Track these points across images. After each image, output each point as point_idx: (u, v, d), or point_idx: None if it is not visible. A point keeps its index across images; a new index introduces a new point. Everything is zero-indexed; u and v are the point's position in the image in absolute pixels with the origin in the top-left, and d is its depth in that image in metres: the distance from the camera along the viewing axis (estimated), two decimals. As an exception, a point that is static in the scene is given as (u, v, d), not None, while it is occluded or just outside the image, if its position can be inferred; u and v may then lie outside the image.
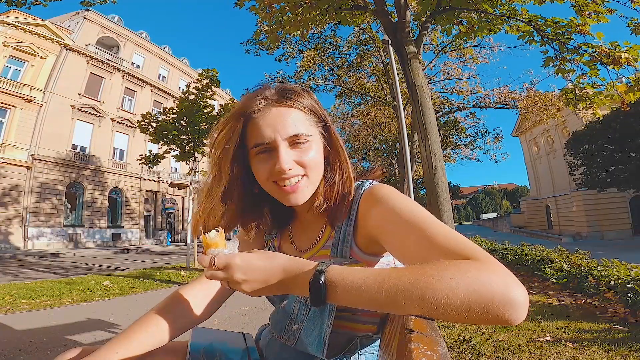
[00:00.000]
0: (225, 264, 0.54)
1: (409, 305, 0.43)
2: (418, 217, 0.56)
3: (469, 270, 0.42)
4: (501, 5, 5.16)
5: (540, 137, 29.60)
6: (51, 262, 11.48)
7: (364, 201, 0.67)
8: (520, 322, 0.41)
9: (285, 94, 0.68)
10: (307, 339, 0.67)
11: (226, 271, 0.54)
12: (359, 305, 0.48)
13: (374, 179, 0.74)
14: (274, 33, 5.91)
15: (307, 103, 0.69)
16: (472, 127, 14.84)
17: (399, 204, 0.60)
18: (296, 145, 0.66)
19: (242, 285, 0.54)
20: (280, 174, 0.64)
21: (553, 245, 6.93)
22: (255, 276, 0.53)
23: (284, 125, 0.65)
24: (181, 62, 28.78)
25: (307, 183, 0.67)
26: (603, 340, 2.43)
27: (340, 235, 0.69)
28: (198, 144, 9.14)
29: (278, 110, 0.66)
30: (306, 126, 0.68)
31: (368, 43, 12.00)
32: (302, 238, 0.77)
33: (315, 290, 0.49)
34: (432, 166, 4.89)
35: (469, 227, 48.30)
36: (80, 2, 5.95)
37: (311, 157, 0.67)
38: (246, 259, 0.54)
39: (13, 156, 17.05)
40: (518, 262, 6.39)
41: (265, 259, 0.55)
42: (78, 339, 2.86)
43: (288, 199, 0.67)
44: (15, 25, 17.33)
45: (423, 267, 0.45)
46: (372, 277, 0.47)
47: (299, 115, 0.68)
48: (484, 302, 0.40)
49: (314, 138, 0.68)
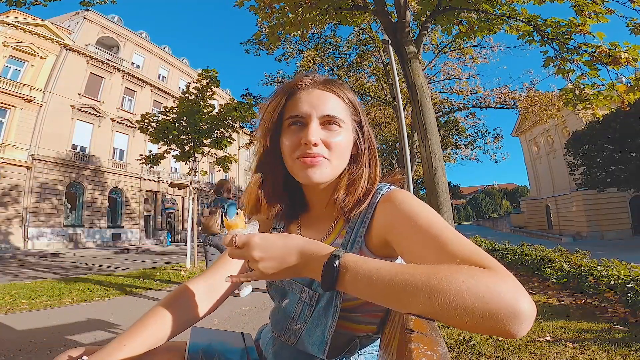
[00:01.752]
0: (244, 242, 0.56)
1: (415, 302, 0.43)
2: (433, 223, 0.57)
3: (481, 278, 0.42)
4: (501, 5, 5.17)
5: (540, 137, 29.62)
6: (51, 262, 11.48)
7: (381, 205, 0.67)
8: (521, 336, 0.40)
9: (330, 81, 0.73)
10: (309, 339, 0.67)
11: (245, 249, 0.56)
12: (366, 296, 0.49)
13: (393, 182, 0.75)
14: (275, 33, 5.91)
15: (348, 95, 0.73)
16: (472, 127, 14.88)
17: (415, 208, 0.61)
18: (328, 127, 0.68)
19: (259, 263, 0.55)
20: (305, 147, 0.66)
21: (553, 245, 6.93)
22: (272, 254, 0.55)
23: (321, 104, 0.69)
24: (181, 62, 28.78)
25: (328, 165, 0.68)
26: (603, 340, 2.43)
27: (352, 237, 0.68)
28: (198, 144, 9.13)
29: (320, 92, 0.70)
30: (342, 113, 0.70)
31: (368, 43, 12.00)
32: (311, 232, 0.77)
33: (328, 273, 0.50)
34: (432, 166, 4.89)
35: (469, 227, 48.28)
36: (80, 2, 5.95)
37: (338, 141, 0.68)
38: (265, 237, 0.56)
39: (13, 156, 17.06)
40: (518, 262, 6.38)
41: (284, 237, 0.57)
42: (78, 339, 2.86)
43: (306, 173, 0.67)
44: (15, 25, 17.33)
45: (437, 267, 0.45)
46: (385, 269, 0.48)
47: (338, 101, 0.71)
48: (490, 311, 0.40)
49: (347, 127, 0.70)
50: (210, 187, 29.70)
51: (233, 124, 9.54)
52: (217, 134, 9.34)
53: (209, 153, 10.07)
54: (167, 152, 9.64)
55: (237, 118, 9.32)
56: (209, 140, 9.25)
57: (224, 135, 9.43)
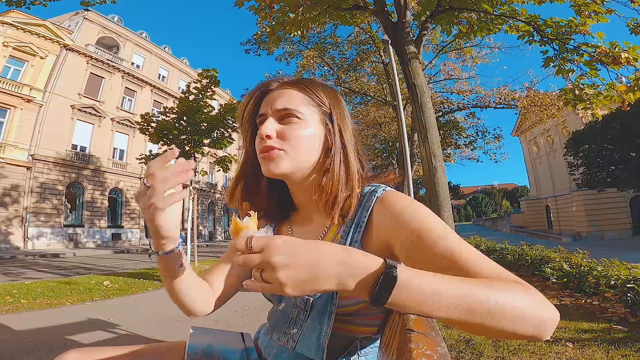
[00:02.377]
0: (263, 245, 0.44)
1: (477, 326, 0.44)
2: (444, 235, 0.55)
3: (523, 296, 0.46)
4: (501, 5, 5.16)
5: (540, 137, 29.60)
6: (51, 262, 11.47)
7: (378, 209, 0.64)
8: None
9: (298, 80, 0.73)
10: (306, 344, 0.67)
11: (264, 253, 0.44)
12: (415, 311, 0.44)
13: (387, 183, 0.72)
14: (275, 33, 5.91)
15: (316, 90, 0.71)
16: (472, 127, 14.86)
17: (425, 218, 0.58)
18: (286, 120, 0.68)
19: (281, 272, 0.43)
20: (262, 142, 0.67)
21: (553, 245, 6.92)
22: (302, 260, 0.43)
23: (277, 99, 0.69)
24: (181, 62, 28.77)
25: (284, 156, 0.67)
26: (603, 340, 2.43)
27: (347, 242, 0.65)
28: (198, 144, 9.14)
29: (283, 90, 0.70)
30: (300, 106, 0.68)
31: (368, 43, 11.99)
32: (302, 232, 0.76)
33: (384, 286, 0.42)
34: (432, 166, 4.89)
35: (469, 227, 48.25)
36: (80, 2, 5.95)
37: (295, 133, 0.67)
38: (289, 239, 0.45)
39: (13, 156, 17.05)
40: (518, 262, 6.38)
41: (314, 241, 0.46)
42: (78, 339, 2.86)
43: (265, 166, 0.68)
44: (15, 25, 17.32)
45: (490, 287, 0.46)
46: (443, 287, 0.44)
47: (298, 95, 0.69)
48: (530, 325, 0.44)
49: (308, 118, 0.69)
50: (210, 187, 29.68)
51: (233, 124, 9.54)
52: (217, 134, 9.34)
53: (209, 153, 10.08)
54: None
55: (237, 118, 9.31)
56: (209, 140, 9.26)
57: (223, 135, 9.43)
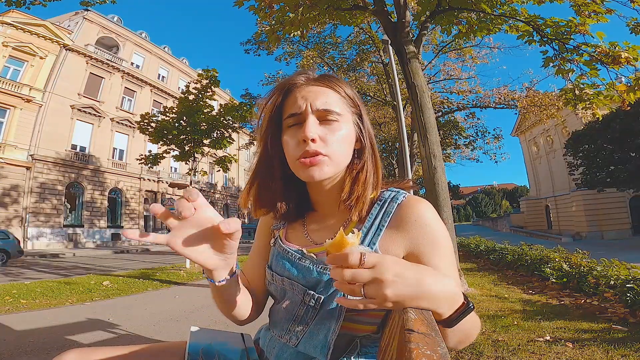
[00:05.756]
0: (375, 262, 0.46)
1: (467, 342, 0.57)
2: (445, 258, 0.64)
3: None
4: (501, 5, 5.16)
5: (540, 137, 29.61)
6: (51, 262, 11.47)
7: (402, 215, 0.65)
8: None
9: (325, 76, 0.72)
10: (311, 342, 0.67)
11: (376, 270, 0.46)
12: (455, 334, 0.54)
13: (405, 189, 0.73)
14: (275, 33, 5.91)
15: (345, 88, 0.71)
16: (472, 127, 14.84)
17: (440, 238, 0.65)
18: (326, 122, 0.67)
19: (389, 288, 0.45)
20: (304, 145, 0.64)
21: (553, 245, 6.93)
22: (408, 277, 0.47)
23: (316, 99, 0.67)
24: (181, 62, 28.78)
25: (328, 162, 0.66)
26: (603, 340, 2.43)
27: (364, 244, 0.66)
28: (198, 144, 9.14)
29: (315, 87, 0.69)
30: (339, 107, 0.68)
31: (368, 43, 11.98)
32: (318, 231, 0.75)
33: (464, 313, 0.51)
34: (432, 166, 4.88)
35: (469, 227, 48.26)
36: (80, 2, 5.94)
37: (337, 137, 0.66)
38: (397, 259, 0.49)
39: (13, 156, 17.04)
40: (518, 262, 6.38)
41: (416, 265, 0.51)
42: (78, 339, 2.85)
43: (307, 172, 0.65)
44: (15, 25, 17.32)
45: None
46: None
47: (335, 95, 0.69)
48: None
49: (346, 120, 0.69)
50: (210, 187, 29.66)
51: (233, 124, 9.55)
52: (216, 134, 9.35)
53: (208, 153, 10.08)
54: (166, 152, 9.65)
55: (237, 118, 9.33)
56: (209, 140, 9.26)
57: (223, 135, 9.44)
